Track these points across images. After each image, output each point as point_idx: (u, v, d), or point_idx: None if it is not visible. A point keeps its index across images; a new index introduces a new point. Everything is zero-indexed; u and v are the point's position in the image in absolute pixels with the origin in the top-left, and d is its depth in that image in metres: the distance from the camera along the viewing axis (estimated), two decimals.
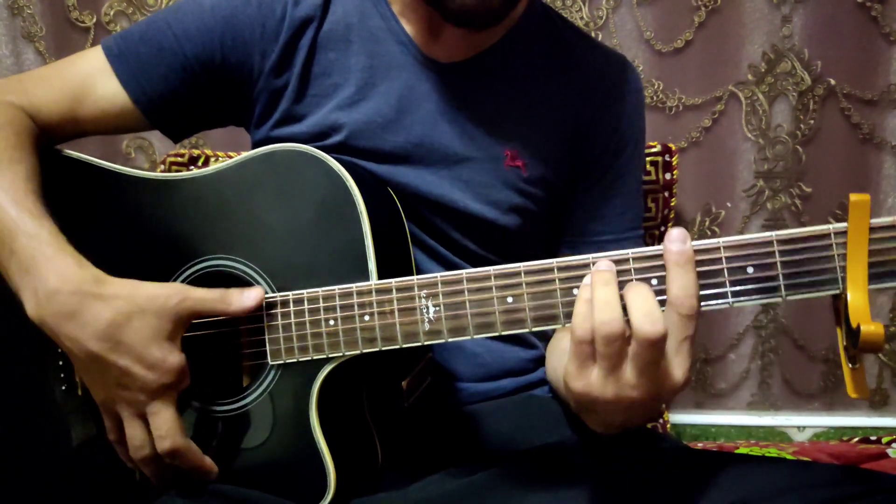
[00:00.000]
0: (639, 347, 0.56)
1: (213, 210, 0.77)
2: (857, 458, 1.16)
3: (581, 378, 0.60)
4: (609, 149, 0.91)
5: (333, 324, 0.70)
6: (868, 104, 1.39)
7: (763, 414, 1.52)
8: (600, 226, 0.92)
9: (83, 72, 0.85)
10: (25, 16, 1.44)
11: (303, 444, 0.72)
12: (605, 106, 0.90)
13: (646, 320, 0.56)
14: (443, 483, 0.76)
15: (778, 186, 1.44)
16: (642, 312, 0.56)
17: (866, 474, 0.65)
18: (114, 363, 0.67)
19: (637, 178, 0.94)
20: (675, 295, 0.58)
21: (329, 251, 0.72)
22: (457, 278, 0.66)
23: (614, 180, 0.92)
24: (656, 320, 0.56)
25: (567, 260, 0.63)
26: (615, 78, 0.91)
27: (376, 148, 0.85)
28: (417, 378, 0.77)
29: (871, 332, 0.53)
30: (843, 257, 0.57)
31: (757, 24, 1.38)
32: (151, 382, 0.68)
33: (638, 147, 0.94)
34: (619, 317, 0.57)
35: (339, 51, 0.85)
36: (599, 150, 0.91)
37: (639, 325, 0.56)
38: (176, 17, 0.85)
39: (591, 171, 0.91)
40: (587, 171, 0.91)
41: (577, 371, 0.60)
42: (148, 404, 0.69)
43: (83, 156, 0.83)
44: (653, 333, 0.55)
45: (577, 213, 0.93)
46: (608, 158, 0.91)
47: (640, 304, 0.57)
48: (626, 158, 0.92)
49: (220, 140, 1.44)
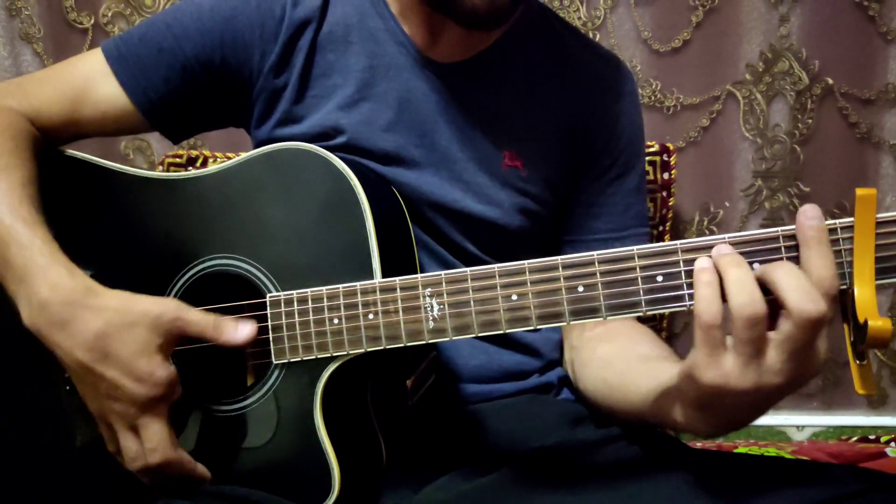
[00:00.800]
0: (795, 329, 0.53)
1: (216, 209, 0.76)
2: (855, 457, 1.16)
3: (714, 367, 0.56)
4: (608, 148, 0.91)
5: (337, 322, 0.70)
6: (866, 103, 1.40)
7: None
8: (601, 224, 0.92)
9: (83, 74, 0.85)
10: (23, 17, 1.44)
11: (307, 444, 0.72)
12: (602, 106, 0.91)
13: (806, 298, 0.53)
14: (448, 486, 0.76)
15: (776, 186, 1.44)
16: (801, 291, 0.53)
17: (865, 473, 0.65)
18: (102, 375, 0.67)
19: (638, 176, 0.94)
20: (819, 275, 0.55)
21: (333, 250, 0.72)
22: (461, 276, 0.66)
23: (614, 179, 0.92)
24: (817, 298, 0.53)
25: (572, 257, 0.63)
26: (611, 79, 0.92)
27: (376, 148, 0.85)
28: (421, 377, 0.77)
29: (879, 326, 0.53)
30: (849, 252, 0.56)
31: (754, 23, 1.39)
32: (140, 395, 0.67)
33: (637, 146, 0.94)
34: (759, 297, 0.54)
35: (339, 52, 0.85)
36: (599, 150, 0.91)
37: (799, 305, 0.53)
38: (175, 18, 0.85)
39: (590, 170, 0.92)
40: (587, 170, 0.92)
41: (707, 360, 0.56)
42: (138, 417, 0.68)
43: (86, 156, 0.83)
44: (816, 312, 0.53)
45: (577, 212, 0.93)
46: (607, 157, 0.91)
47: (794, 282, 0.54)
48: (626, 157, 0.92)
49: (219, 141, 1.44)
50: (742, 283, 0.55)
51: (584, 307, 0.62)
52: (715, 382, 0.56)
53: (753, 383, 0.55)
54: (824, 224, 0.56)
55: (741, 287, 0.55)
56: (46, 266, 0.69)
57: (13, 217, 0.70)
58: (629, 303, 0.61)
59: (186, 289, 0.78)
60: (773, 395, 0.57)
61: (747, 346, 0.55)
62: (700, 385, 0.57)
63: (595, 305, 0.62)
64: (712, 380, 0.56)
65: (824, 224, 0.56)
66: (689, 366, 0.58)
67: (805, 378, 0.56)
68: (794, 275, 0.54)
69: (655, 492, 0.67)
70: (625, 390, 0.78)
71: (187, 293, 0.78)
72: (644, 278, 0.61)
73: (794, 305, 0.53)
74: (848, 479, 0.63)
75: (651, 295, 0.60)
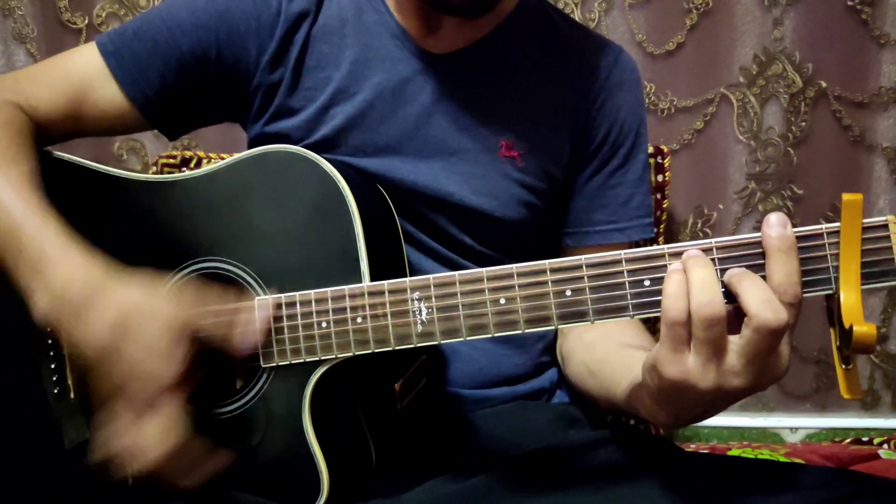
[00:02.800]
0: (755, 335, 0.54)
1: (204, 212, 0.76)
2: (849, 459, 1.16)
3: (676, 364, 0.57)
4: (609, 138, 0.91)
5: (326, 326, 0.69)
6: (859, 106, 1.40)
7: (755, 415, 1.53)
8: (603, 215, 0.92)
9: (79, 70, 0.85)
10: (17, 17, 1.44)
11: (296, 447, 0.71)
12: (603, 96, 0.90)
13: (766, 307, 0.54)
14: (437, 488, 0.75)
15: (769, 188, 1.45)
16: (761, 300, 0.54)
17: (858, 476, 0.65)
18: (123, 353, 0.65)
19: (640, 166, 0.94)
20: (780, 282, 0.56)
21: (321, 253, 0.72)
22: (449, 280, 0.65)
23: (616, 169, 0.92)
24: (778, 308, 0.54)
25: (560, 261, 0.63)
26: (612, 67, 0.91)
27: (370, 140, 0.85)
28: (411, 380, 0.77)
29: (864, 332, 0.53)
30: (835, 257, 0.57)
31: (748, 26, 1.39)
32: (162, 372, 0.65)
33: (639, 136, 0.93)
34: (720, 299, 0.55)
35: (333, 44, 0.85)
36: (600, 140, 0.91)
37: (758, 313, 0.54)
38: (170, 12, 0.85)
39: (591, 160, 0.91)
40: (588, 160, 0.91)
41: (670, 356, 0.57)
42: (157, 397, 0.66)
43: (74, 158, 0.83)
44: (775, 321, 0.53)
45: (579, 203, 0.93)
46: (609, 148, 0.91)
47: (756, 292, 0.55)
48: (628, 147, 0.92)
49: (213, 141, 1.44)
50: (704, 283, 0.56)
51: (572, 311, 0.62)
52: (676, 377, 0.57)
53: (714, 383, 0.56)
54: (789, 232, 0.57)
55: (703, 287, 0.55)
56: (62, 253, 0.68)
57: (26, 205, 0.70)
58: (616, 307, 0.61)
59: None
60: (736, 394, 0.58)
61: (706, 346, 0.56)
62: (662, 379, 0.58)
63: (583, 309, 0.62)
64: (673, 375, 0.57)
65: (789, 232, 0.57)
66: (653, 359, 0.59)
67: (767, 381, 0.57)
68: (757, 285, 0.56)
69: (646, 495, 0.67)
70: (601, 376, 0.79)
71: None
72: (631, 282, 0.61)
73: (753, 312, 0.54)
74: (841, 482, 0.64)
75: (638, 299, 0.61)
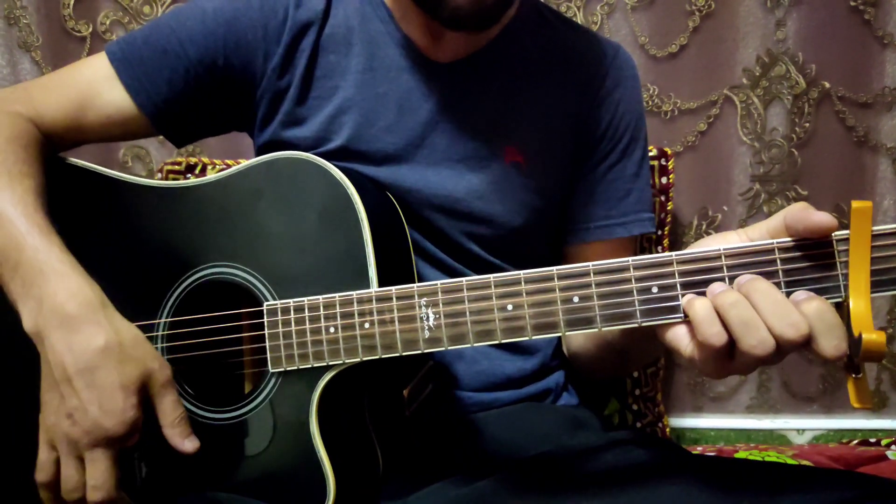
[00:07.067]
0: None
1: (214, 217, 0.77)
2: (856, 460, 1.16)
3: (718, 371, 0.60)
4: (608, 135, 0.91)
5: (334, 331, 0.70)
6: (863, 107, 1.40)
7: (762, 417, 1.52)
8: (603, 209, 0.93)
9: (88, 78, 0.85)
10: (21, 25, 1.44)
11: (303, 453, 0.72)
12: (601, 94, 0.91)
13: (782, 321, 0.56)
14: (444, 491, 0.76)
15: (774, 189, 1.44)
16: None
17: (865, 479, 0.65)
18: (77, 391, 0.66)
19: (639, 161, 0.94)
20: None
21: (330, 258, 0.72)
22: (457, 286, 0.66)
23: (614, 164, 0.92)
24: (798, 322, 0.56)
25: (567, 268, 0.63)
26: (609, 65, 0.92)
27: (378, 149, 0.85)
28: (419, 386, 0.77)
29: (873, 340, 0.53)
30: (845, 265, 0.57)
31: (751, 28, 1.39)
32: (102, 427, 0.66)
33: (638, 131, 0.94)
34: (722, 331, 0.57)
35: (340, 53, 0.86)
36: (598, 137, 0.91)
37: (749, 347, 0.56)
38: (178, 20, 0.85)
39: (591, 157, 0.92)
40: (588, 158, 0.92)
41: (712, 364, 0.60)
42: (90, 449, 0.67)
43: (86, 163, 0.83)
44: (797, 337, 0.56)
45: (580, 199, 0.93)
46: (607, 144, 0.92)
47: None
48: (626, 142, 0.93)
49: (218, 148, 1.43)
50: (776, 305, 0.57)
51: (579, 318, 0.62)
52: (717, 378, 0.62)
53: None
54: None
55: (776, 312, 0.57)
56: (65, 272, 0.69)
57: (29, 223, 0.70)
58: (624, 313, 0.61)
59: (184, 297, 0.78)
60: None
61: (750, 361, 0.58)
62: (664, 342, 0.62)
63: (590, 316, 0.62)
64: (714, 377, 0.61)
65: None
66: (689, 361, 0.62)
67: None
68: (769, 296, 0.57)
69: (654, 498, 0.67)
70: (601, 333, 0.80)
71: (185, 301, 0.78)
72: (639, 289, 0.61)
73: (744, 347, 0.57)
74: (848, 484, 0.64)
75: (646, 306, 0.61)
